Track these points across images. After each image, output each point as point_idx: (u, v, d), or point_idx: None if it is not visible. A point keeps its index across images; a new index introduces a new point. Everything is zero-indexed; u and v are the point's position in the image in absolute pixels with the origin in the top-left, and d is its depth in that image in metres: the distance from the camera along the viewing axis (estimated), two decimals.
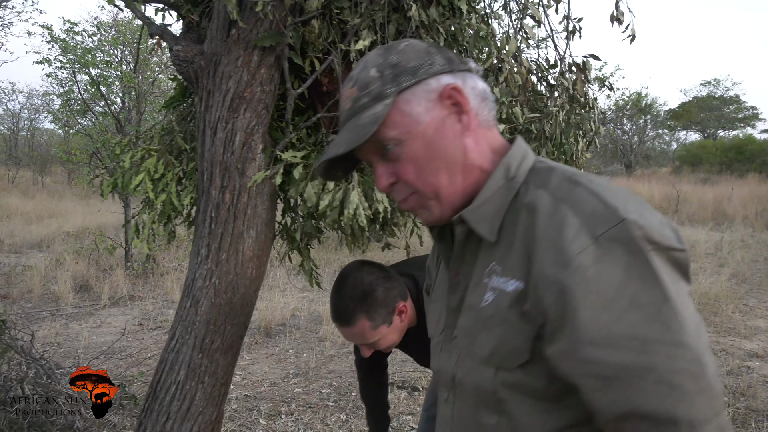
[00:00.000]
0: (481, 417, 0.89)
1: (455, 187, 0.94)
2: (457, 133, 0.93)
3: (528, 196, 0.88)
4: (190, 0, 2.26)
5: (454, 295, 0.98)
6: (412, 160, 0.93)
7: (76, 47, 7.55)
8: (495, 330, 0.86)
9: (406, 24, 2.12)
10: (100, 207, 11.02)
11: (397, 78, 0.92)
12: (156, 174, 2.08)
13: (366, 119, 0.91)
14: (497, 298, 0.87)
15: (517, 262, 0.85)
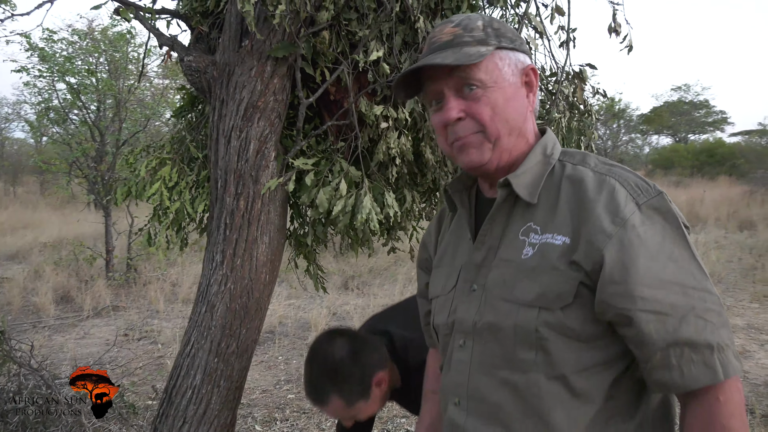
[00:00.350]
0: (518, 352, 1.01)
1: (510, 143, 1.09)
2: (524, 104, 1.11)
3: (568, 171, 1.06)
4: (200, 11, 2.31)
5: (478, 252, 1.12)
6: (490, 104, 1.06)
7: (55, 55, 7.47)
8: (541, 277, 1.00)
9: (412, 35, 2.20)
10: (78, 217, 10.84)
11: (499, 37, 1.07)
12: (170, 182, 2.11)
13: (471, 51, 1.04)
14: (542, 250, 1.01)
15: (563, 222, 1.01)
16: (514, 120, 1.08)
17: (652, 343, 0.93)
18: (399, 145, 2.14)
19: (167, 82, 11.80)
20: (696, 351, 0.92)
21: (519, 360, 1.01)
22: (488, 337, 1.06)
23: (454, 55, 1.04)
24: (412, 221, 2.51)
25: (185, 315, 6.52)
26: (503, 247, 1.08)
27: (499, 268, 1.07)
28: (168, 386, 2.16)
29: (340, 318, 6.32)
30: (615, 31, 2.14)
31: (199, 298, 2.17)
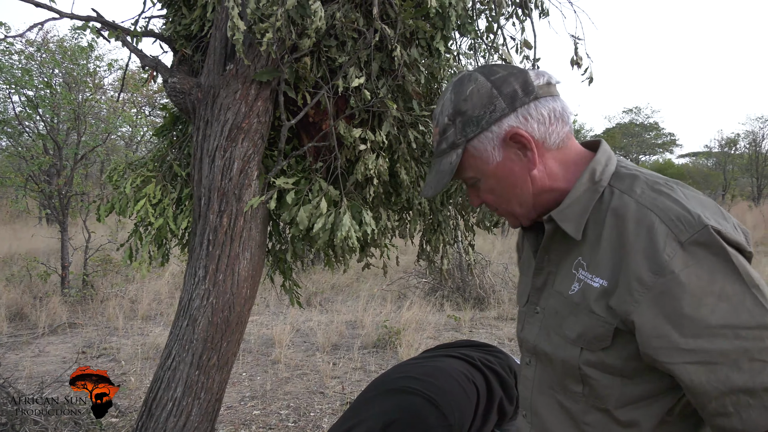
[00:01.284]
0: (568, 384, 1.04)
1: (527, 208, 1.10)
2: (524, 168, 1.06)
3: (614, 201, 1.00)
4: (184, 35, 2.39)
5: (539, 277, 1.13)
6: (488, 191, 1.12)
7: (11, 68, 7.33)
8: (581, 317, 1.00)
9: (388, 62, 2.33)
10: (31, 232, 10.54)
11: (465, 129, 1.06)
12: (155, 199, 2.17)
13: (445, 166, 1.09)
14: (583, 289, 1.00)
15: (603, 262, 0.98)
16: (517, 192, 1.08)
17: (704, 393, 0.89)
18: (376, 166, 2.25)
19: (125, 96, 11.67)
20: (754, 396, 0.87)
21: (569, 390, 1.04)
22: (545, 361, 1.09)
23: (434, 180, 1.11)
24: (385, 238, 2.62)
25: (145, 332, 6.45)
26: (559, 277, 1.08)
27: (554, 298, 1.08)
28: (147, 399, 2.20)
29: (303, 334, 6.36)
30: (577, 64, 2.32)
31: (180, 312, 2.23)
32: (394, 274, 8.54)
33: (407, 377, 1.83)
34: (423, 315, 6.63)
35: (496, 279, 7.96)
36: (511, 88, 1.05)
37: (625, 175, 1.04)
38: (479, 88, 1.05)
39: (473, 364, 1.97)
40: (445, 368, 1.89)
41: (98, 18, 2.40)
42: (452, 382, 1.83)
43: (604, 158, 1.06)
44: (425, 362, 1.97)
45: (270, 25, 1.94)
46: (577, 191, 1.04)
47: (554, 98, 1.07)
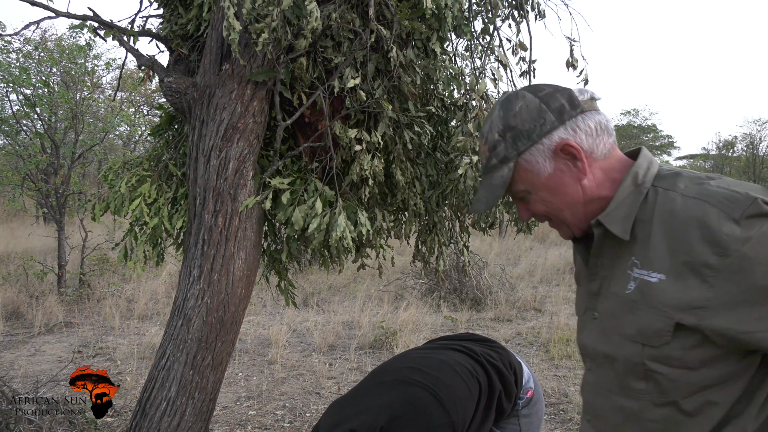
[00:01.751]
0: (630, 383, 1.07)
1: (579, 217, 1.14)
2: (574, 178, 1.11)
3: (659, 198, 1.04)
4: (180, 34, 2.39)
5: (594, 282, 1.15)
6: (540, 202, 1.15)
7: (9, 66, 7.32)
8: (640, 314, 1.03)
9: (384, 63, 2.33)
10: (28, 230, 10.52)
11: (516, 143, 1.10)
12: (150, 198, 2.17)
13: (497, 180, 1.13)
14: (640, 286, 1.03)
15: (658, 257, 1.01)
16: (569, 201, 1.12)
17: None
18: (372, 167, 2.26)
19: (123, 95, 11.66)
20: None
21: (631, 389, 1.07)
22: (605, 365, 1.12)
23: (486, 194, 1.14)
24: (381, 239, 2.63)
25: (142, 332, 6.44)
26: (614, 280, 1.10)
27: (610, 300, 1.11)
28: (141, 399, 2.20)
29: (300, 334, 6.35)
30: (572, 66, 2.32)
31: (174, 311, 2.22)
32: (392, 275, 8.54)
33: (413, 368, 1.81)
34: (420, 316, 6.64)
35: (493, 280, 7.96)
36: (558, 103, 1.10)
37: (667, 175, 1.08)
38: (528, 104, 1.10)
39: (477, 359, 1.96)
40: (450, 362, 1.88)
41: (95, 17, 2.40)
42: (456, 377, 1.82)
43: (645, 162, 1.11)
44: (430, 354, 1.95)
45: (266, 25, 1.94)
46: (621, 194, 1.09)
47: (598, 112, 1.12)
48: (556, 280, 9.00)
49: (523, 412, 2.04)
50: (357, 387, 1.85)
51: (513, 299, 7.55)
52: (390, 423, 1.62)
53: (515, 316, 6.95)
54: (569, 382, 4.72)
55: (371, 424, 1.62)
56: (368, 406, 1.69)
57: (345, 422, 1.65)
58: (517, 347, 5.78)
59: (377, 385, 1.79)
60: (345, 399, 1.80)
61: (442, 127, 2.61)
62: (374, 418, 1.63)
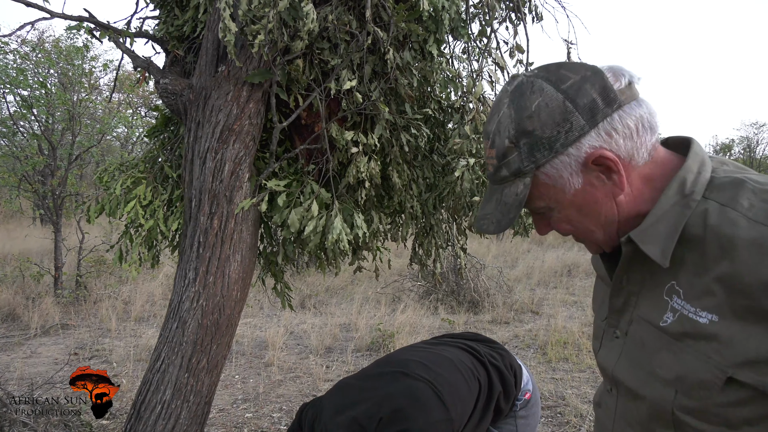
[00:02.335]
0: (655, 428, 0.89)
1: (611, 235, 0.93)
2: (608, 194, 0.89)
3: (713, 218, 0.81)
4: (176, 36, 2.38)
5: (617, 297, 0.96)
6: (565, 221, 0.94)
7: (6, 67, 7.31)
8: (682, 356, 0.83)
9: (381, 65, 2.33)
10: (25, 232, 10.50)
11: (533, 153, 0.87)
12: (145, 200, 2.16)
13: (509, 198, 0.91)
14: (681, 322, 0.83)
15: (709, 293, 0.80)
16: (601, 221, 0.92)
17: None
18: (368, 169, 2.25)
19: (120, 96, 11.65)
20: None
21: None
22: (627, 396, 0.94)
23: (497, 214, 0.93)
24: (377, 242, 2.62)
25: (138, 334, 6.42)
26: (645, 302, 0.91)
27: (639, 325, 0.91)
28: (136, 402, 2.19)
29: (296, 337, 6.34)
30: None
31: (170, 314, 2.21)
32: (389, 277, 8.53)
33: (418, 363, 1.84)
34: (417, 318, 6.63)
35: (490, 283, 7.96)
36: (588, 98, 0.85)
37: (725, 184, 0.84)
38: (548, 101, 0.86)
39: (480, 359, 1.99)
40: (453, 360, 1.91)
41: (90, 18, 2.39)
42: (458, 375, 1.85)
43: (696, 164, 0.87)
44: (436, 350, 1.98)
45: (262, 26, 1.93)
46: (662, 207, 0.86)
47: (639, 103, 0.88)
48: (553, 283, 9.00)
49: (520, 413, 2.07)
50: (363, 372, 1.91)
51: (510, 302, 7.54)
52: (391, 415, 1.65)
53: (512, 318, 6.95)
54: (566, 385, 4.72)
55: (372, 414, 1.66)
56: (371, 395, 1.73)
57: (348, 409, 1.70)
58: (514, 350, 5.78)
59: (382, 376, 1.82)
60: (350, 383, 1.85)
61: (439, 130, 2.61)
62: (376, 409, 1.67)
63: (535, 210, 0.96)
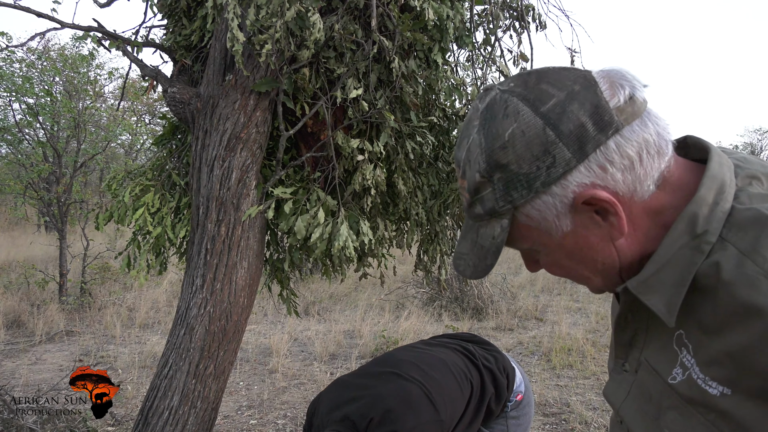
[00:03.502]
0: None
1: (611, 280, 0.79)
2: (605, 236, 0.73)
3: (726, 273, 0.65)
4: (184, 45, 2.41)
5: (623, 333, 0.83)
6: (554, 265, 0.81)
7: (12, 75, 7.37)
8: (691, 421, 0.71)
9: (386, 73, 2.35)
10: (30, 239, 10.54)
11: (509, 191, 0.72)
12: (153, 208, 2.19)
13: (485, 241, 0.77)
14: (692, 388, 0.70)
15: (719, 360, 0.67)
16: (597, 268, 0.77)
17: None
18: (374, 177, 2.27)
19: (125, 104, 11.71)
20: None
21: None
22: None
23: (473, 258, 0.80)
24: (382, 248, 2.63)
25: (143, 340, 6.44)
26: (653, 345, 0.78)
27: (648, 374, 0.78)
28: (144, 408, 2.20)
29: (301, 343, 6.35)
30: None
31: (177, 320, 2.23)
32: (393, 284, 8.54)
33: (413, 364, 1.90)
34: (421, 325, 6.63)
35: (494, 289, 7.96)
36: (575, 123, 0.68)
37: (748, 220, 0.67)
38: (525, 129, 0.69)
39: (474, 362, 2.04)
40: (446, 362, 1.96)
41: (99, 28, 2.42)
42: (450, 377, 1.90)
43: (711, 193, 0.69)
44: (431, 350, 2.04)
45: (269, 36, 1.96)
46: (666, 250, 0.71)
47: (643, 121, 0.70)
48: (557, 290, 9.00)
49: (512, 414, 2.13)
50: (361, 369, 1.97)
51: (514, 308, 7.54)
52: (382, 415, 1.71)
53: (516, 325, 6.95)
54: (570, 392, 4.72)
55: (364, 413, 1.72)
56: (365, 393, 1.79)
57: (342, 406, 1.78)
58: (518, 356, 5.78)
59: (377, 375, 1.88)
60: (347, 380, 1.92)
61: (443, 137, 2.63)
62: (368, 408, 1.73)
63: (520, 250, 0.82)
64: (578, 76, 0.71)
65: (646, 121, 0.70)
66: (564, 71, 0.72)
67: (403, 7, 2.30)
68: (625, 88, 0.69)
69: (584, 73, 0.71)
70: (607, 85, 0.69)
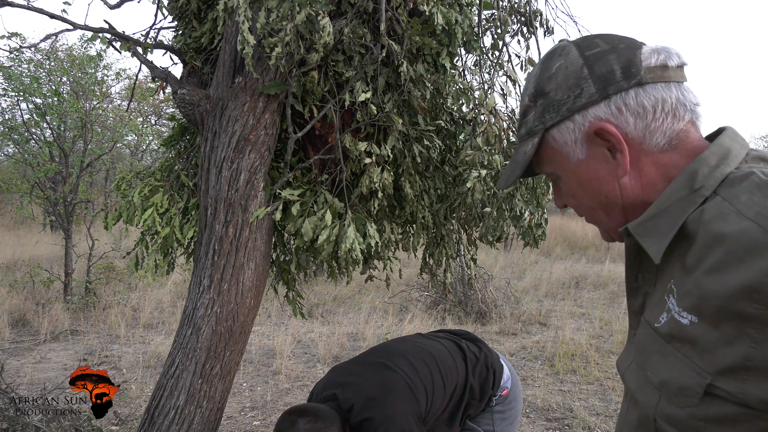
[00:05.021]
0: None
1: (616, 221, 0.88)
2: (611, 172, 0.84)
3: (708, 213, 0.73)
4: (194, 47, 2.43)
5: (635, 298, 0.90)
6: (570, 194, 0.92)
7: (21, 75, 7.41)
8: (669, 359, 0.76)
9: (395, 77, 2.37)
10: (35, 238, 10.58)
11: (544, 113, 0.87)
12: (161, 208, 2.20)
13: (519, 156, 0.92)
14: (671, 323, 0.76)
15: (692, 292, 0.73)
16: (602, 200, 0.87)
17: None
18: (381, 180, 2.28)
19: (132, 105, 11.76)
20: None
21: None
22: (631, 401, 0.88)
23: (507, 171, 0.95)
24: (389, 251, 2.64)
25: (147, 340, 6.46)
26: (651, 302, 0.85)
27: (642, 328, 0.86)
28: (150, 407, 2.21)
29: (304, 345, 6.36)
30: None
31: (184, 320, 2.24)
32: (396, 287, 8.55)
33: (402, 356, 2.03)
34: (424, 328, 6.63)
35: (498, 293, 7.96)
36: (606, 68, 0.82)
37: (737, 178, 0.75)
38: (568, 65, 0.85)
39: (464, 357, 2.15)
40: (435, 356, 2.08)
41: (110, 30, 2.45)
42: (435, 372, 2.03)
43: (715, 157, 0.78)
44: (423, 344, 2.15)
45: (279, 39, 1.97)
46: (665, 199, 0.80)
47: (668, 86, 0.81)
48: (561, 294, 8.99)
49: (497, 408, 2.22)
50: (358, 357, 2.13)
51: (518, 313, 7.54)
52: (363, 402, 1.86)
53: (520, 329, 6.94)
54: (574, 397, 4.71)
55: (348, 397, 1.89)
56: (354, 380, 1.96)
57: (333, 388, 1.96)
58: (521, 361, 5.77)
59: (369, 364, 2.04)
60: (343, 366, 2.10)
61: (450, 141, 2.64)
62: (353, 394, 1.89)
63: (546, 175, 0.95)
64: (628, 40, 0.85)
65: (672, 87, 0.82)
66: (622, 36, 0.86)
67: (412, 12, 2.32)
68: (660, 55, 0.82)
69: (635, 40, 0.85)
70: (648, 51, 0.83)
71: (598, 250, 14.08)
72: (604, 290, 9.24)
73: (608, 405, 4.57)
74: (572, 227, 15.80)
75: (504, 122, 2.33)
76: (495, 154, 2.26)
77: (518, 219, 2.46)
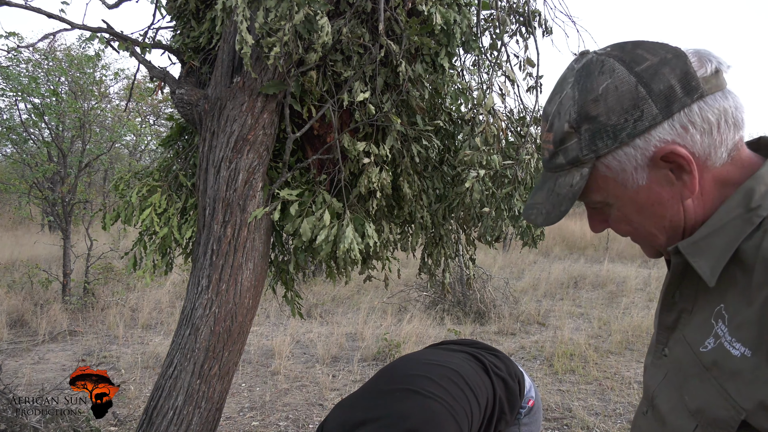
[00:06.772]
0: None
1: (674, 240, 0.83)
2: (675, 194, 0.79)
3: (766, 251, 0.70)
4: (192, 47, 2.43)
5: (668, 314, 0.86)
6: (623, 220, 0.85)
7: (19, 75, 7.40)
8: (708, 387, 0.74)
9: (393, 77, 2.36)
10: (34, 238, 10.56)
11: (595, 141, 0.78)
12: (160, 208, 2.20)
13: (562, 189, 0.82)
14: (717, 350, 0.74)
15: (750, 324, 0.70)
16: (664, 225, 0.82)
17: None
18: (379, 180, 2.28)
19: (131, 105, 11.75)
20: None
21: None
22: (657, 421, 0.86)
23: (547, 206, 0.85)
24: (387, 251, 2.64)
25: (145, 341, 6.45)
26: (694, 320, 0.81)
27: (681, 346, 0.82)
28: (148, 407, 2.21)
29: (303, 346, 6.35)
30: None
31: (182, 321, 2.24)
32: (395, 287, 8.54)
33: (426, 378, 1.76)
34: (423, 328, 6.63)
35: (496, 294, 7.96)
36: (665, 84, 0.75)
37: None
38: (618, 84, 0.76)
39: (485, 369, 1.94)
40: (460, 373, 1.83)
41: (108, 29, 2.44)
42: (467, 390, 1.79)
43: None
44: (440, 361, 1.90)
45: (277, 39, 1.97)
46: (720, 218, 0.76)
47: (724, 94, 0.76)
48: (560, 294, 8.99)
49: (524, 421, 2.04)
50: (366, 388, 1.81)
51: (516, 313, 7.54)
52: None
53: (519, 329, 6.94)
54: (572, 397, 4.71)
55: None
56: (381, 413, 1.64)
57: (355, 428, 1.61)
58: (520, 361, 5.77)
59: (391, 393, 1.73)
60: (355, 399, 1.76)
61: (449, 141, 2.64)
62: (391, 428, 1.58)
63: (592, 204, 0.87)
64: (670, 48, 0.78)
65: (727, 95, 0.77)
66: (658, 43, 0.80)
67: (411, 12, 2.32)
68: (712, 62, 0.77)
69: (676, 47, 0.79)
70: (696, 59, 0.76)
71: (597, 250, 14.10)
72: (603, 290, 9.25)
73: (607, 405, 4.57)
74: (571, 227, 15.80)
75: (502, 122, 2.33)
76: (493, 153, 2.26)
77: (517, 219, 2.46)
